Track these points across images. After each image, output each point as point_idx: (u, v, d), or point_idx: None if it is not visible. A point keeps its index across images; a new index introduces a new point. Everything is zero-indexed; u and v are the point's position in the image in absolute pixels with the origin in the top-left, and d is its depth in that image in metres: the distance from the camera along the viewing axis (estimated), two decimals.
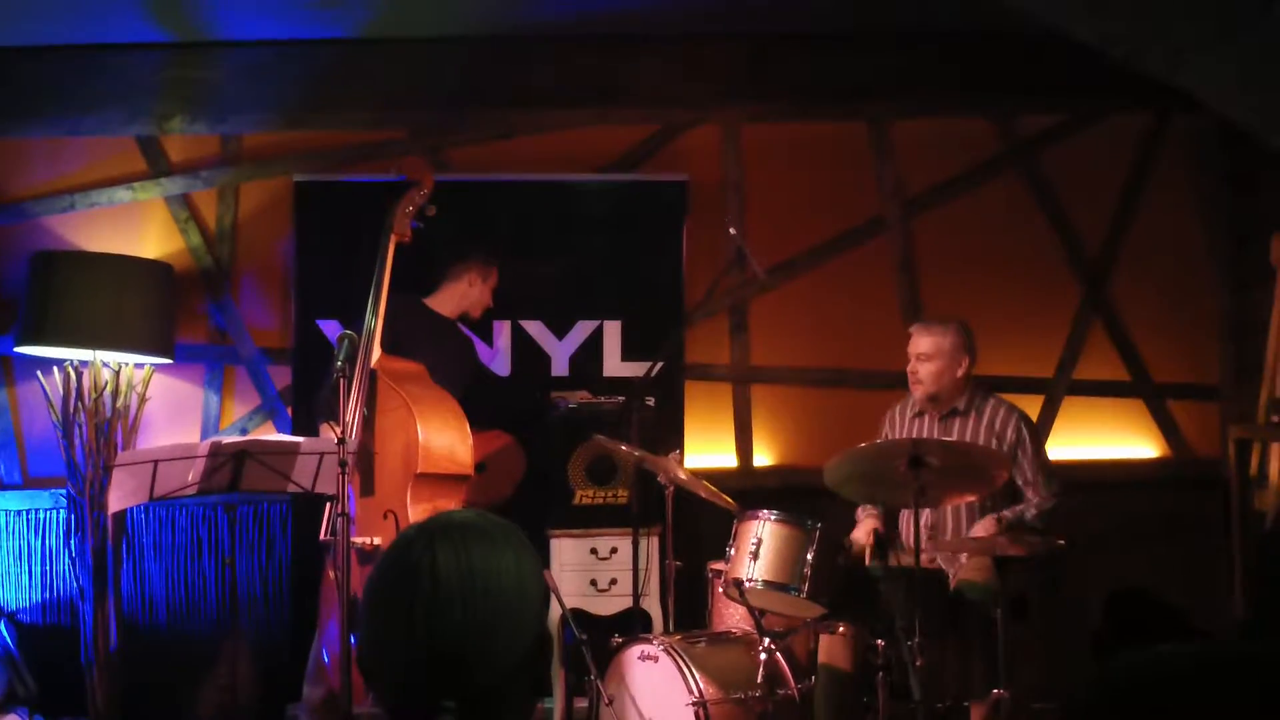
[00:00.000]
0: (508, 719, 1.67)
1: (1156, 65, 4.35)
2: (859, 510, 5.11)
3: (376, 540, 4.78)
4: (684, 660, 4.36)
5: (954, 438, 4.91)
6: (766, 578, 4.45)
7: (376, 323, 5.09)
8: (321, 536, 4.91)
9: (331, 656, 4.85)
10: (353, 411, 4.91)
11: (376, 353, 5.08)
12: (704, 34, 6.11)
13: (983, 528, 4.73)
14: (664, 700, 4.37)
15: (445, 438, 5.03)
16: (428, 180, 5.31)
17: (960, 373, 4.97)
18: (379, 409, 5.01)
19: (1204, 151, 6.30)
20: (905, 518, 4.95)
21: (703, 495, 4.85)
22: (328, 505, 4.79)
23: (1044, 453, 4.99)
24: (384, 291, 5.14)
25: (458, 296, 5.60)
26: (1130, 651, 1.44)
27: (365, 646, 1.70)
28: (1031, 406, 5.72)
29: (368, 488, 5.00)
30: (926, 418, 5.05)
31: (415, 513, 4.80)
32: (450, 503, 4.96)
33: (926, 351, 4.98)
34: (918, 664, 4.25)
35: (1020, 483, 4.89)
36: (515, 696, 1.68)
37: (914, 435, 5.01)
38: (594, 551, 5.42)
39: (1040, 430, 5.09)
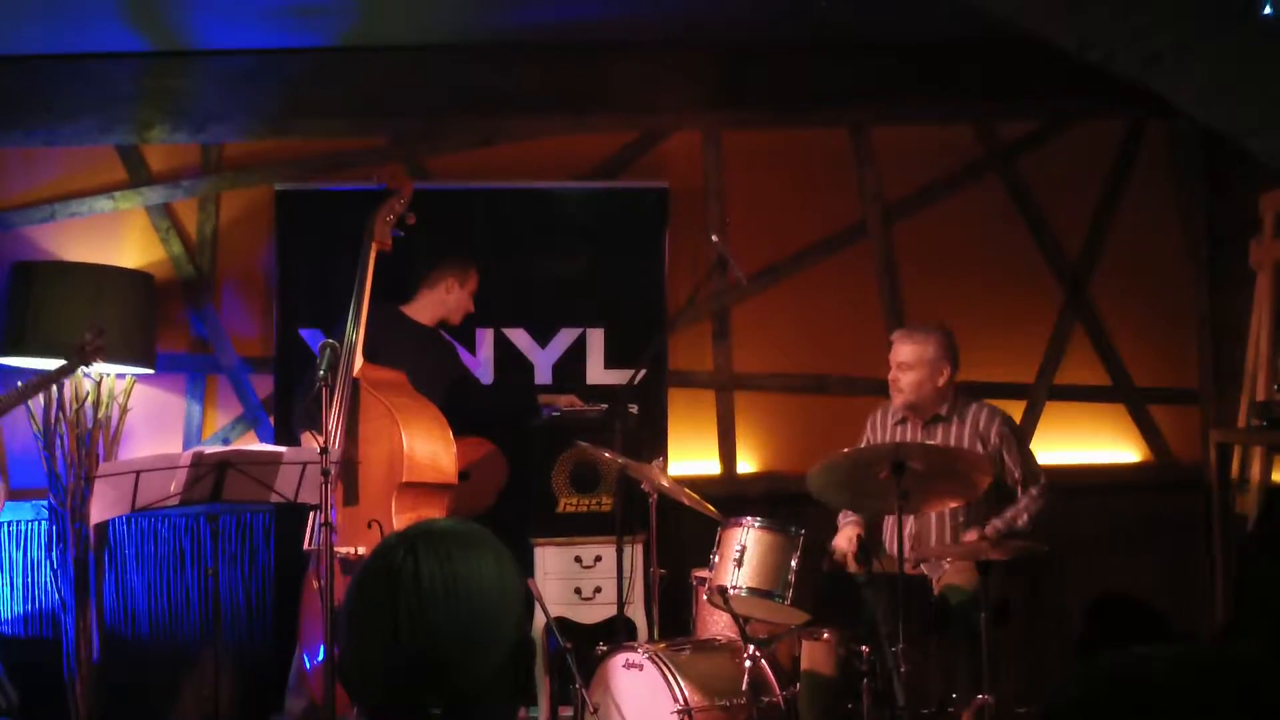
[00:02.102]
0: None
1: (1132, 70, 4.37)
2: (840, 516, 5.12)
3: (361, 550, 4.78)
4: (669, 668, 4.37)
5: (938, 443, 4.92)
6: (751, 585, 4.45)
7: (358, 331, 5.09)
8: (306, 546, 4.91)
9: (314, 666, 4.84)
10: (335, 420, 4.90)
11: (359, 361, 5.08)
12: (684, 41, 6.11)
13: (968, 538, 4.73)
14: (649, 708, 4.37)
15: (429, 446, 5.03)
16: (407, 188, 5.32)
17: (941, 381, 4.97)
18: (362, 418, 5.02)
19: (1181, 155, 6.32)
20: (889, 523, 4.96)
21: (686, 503, 4.86)
22: (312, 515, 4.78)
23: (1029, 452, 5.00)
24: (365, 300, 5.15)
25: (435, 303, 5.59)
26: (1109, 652, 1.45)
27: (348, 653, 1.71)
28: (1013, 411, 5.72)
29: (351, 497, 4.99)
30: (909, 424, 5.06)
31: (400, 522, 4.80)
32: (434, 512, 4.96)
33: (907, 360, 4.98)
34: (902, 670, 4.26)
35: (1009, 483, 4.90)
36: (497, 700, 1.71)
37: (897, 441, 5.02)
38: (578, 559, 5.41)
39: (1023, 433, 5.11)
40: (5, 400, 5.18)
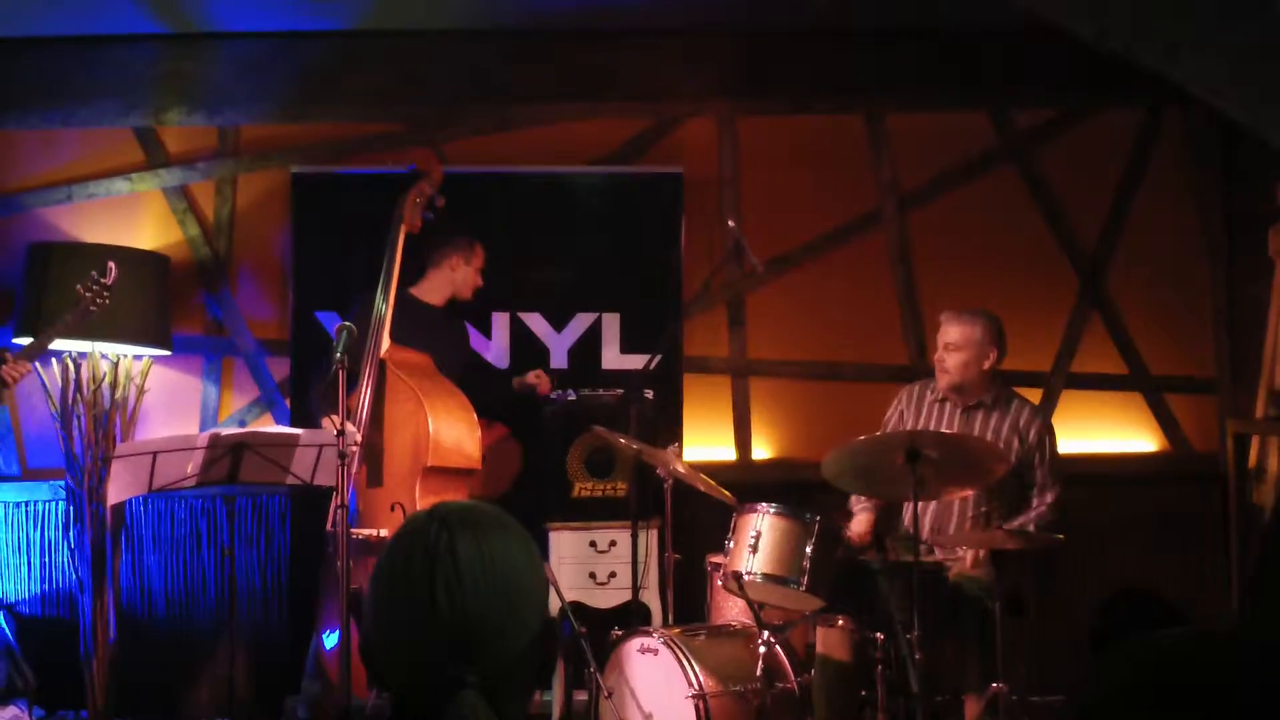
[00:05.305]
0: (514, 700, 1.71)
1: (1152, 60, 4.35)
2: (852, 500, 5.11)
3: (383, 532, 4.80)
4: (683, 653, 4.37)
5: (975, 431, 4.91)
6: (765, 571, 4.45)
7: (387, 312, 5.11)
8: (329, 527, 4.92)
9: (332, 649, 4.86)
10: (363, 401, 4.93)
11: (386, 343, 5.09)
12: (701, 27, 6.11)
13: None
14: (663, 693, 4.37)
15: (455, 431, 5.05)
16: (437, 171, 5.36)
17: (987, 365, 4.96)
18: (388, 399, 5.04)
19: (1200, 145, 6.29)
20: (908, 508, 4.95)
21: (701, 488, 4.86)
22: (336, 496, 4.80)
23: (1059, 460, 4.98)
24: (394, 281, 5.17)
25: (443, 282, 5.58)
26: (1145, 635, 1.45)
27: (378, 630, 1.72)
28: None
29: (375, 478, 5.02)
30: (949, 406, 5.04)
31: (424, 505, 4.81)
32: (457, 496, 4.98)
33: (955, 341, 4.96)
34: (916, 657, 4.26)
35: (1029, 481, 4.89)
36: (522, 680, 1.73)
37: (932, 421, 5.02)
38: (593, 544, 5.43)
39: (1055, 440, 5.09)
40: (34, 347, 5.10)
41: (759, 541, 4.49)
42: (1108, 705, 1.47)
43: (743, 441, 6.24)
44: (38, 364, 5.51)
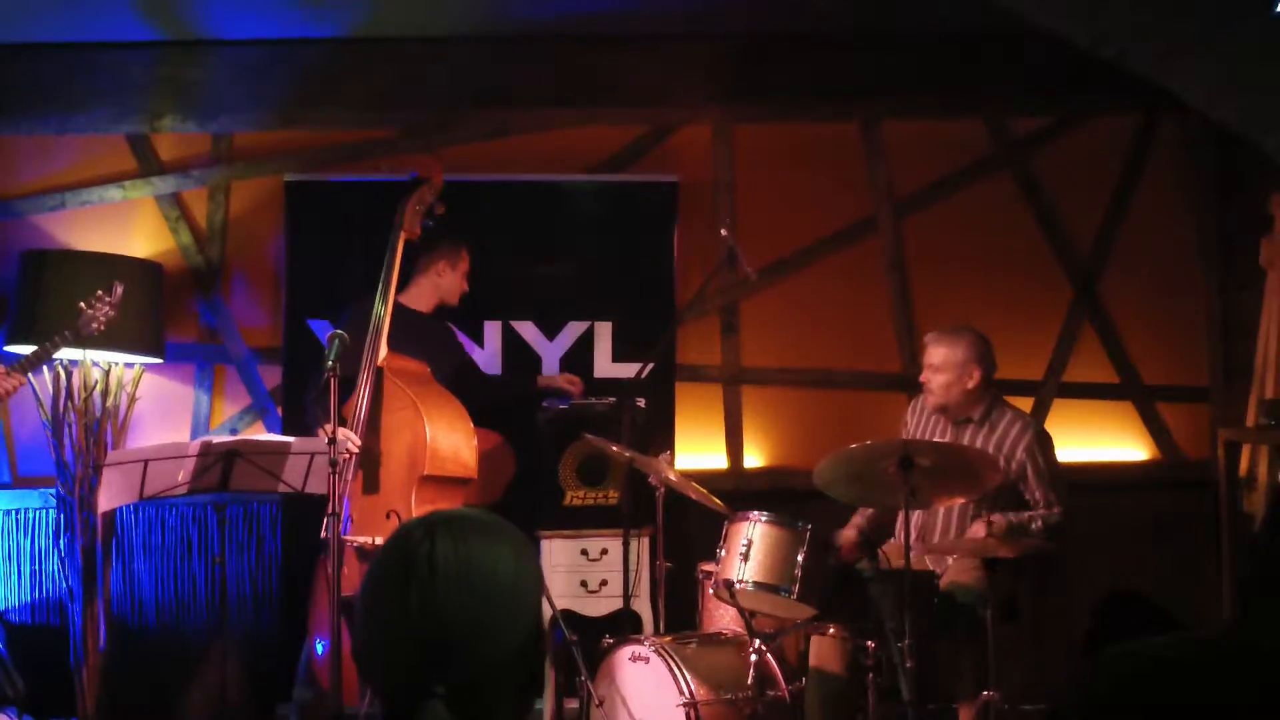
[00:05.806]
0: (500, 713, 1.69)
1: (1146, 66, 4.36)
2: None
3: (378, 539, 4.78)
4: (675, 661, 4.36)
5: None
6: (757, 579, 4.45)
7: (385, 319, 5.10)
8: (323, 534, 4.91)
9: (324, 656, 4.85)
10: (358, 407, 4.92)
11: (384, 350, 5.08)
12: (696, 34, 6.11)
13: (974, 532, 4.72)
14: (654, 701, 4.37)
15: (452, 440, 5.05)
16: (438, 178, 5.35)
17: (970, 385, 4.92)
18: (385, 407, 5.03)
19: (1194, 153, 6.30)
20: (901, 517, 4.94)
21: (693, 497, 4.85)
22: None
23: (1056, 467, 4.93)
24: (392, 289, 5.17)
25: (430, 288, 5.56)
26: (1135, 640, 1.44)
27: (362, 632, 1.72)
28: (1021, 409, 5.72)
29: (372, 486, 5.01)
30: (942, 420, 5.03)
31: (419, 514, 4.80)
32: (453, 504, 4.97)
33: (936, 363, 4.94)
34: (908, 665, 4.25)
35: (1029, 499, 4.86)
36: (508, 690, 1.71)
37: (927, 434, 5.01)
38: (584, 552, 5.41)
39: (1052, 453, 5.03)
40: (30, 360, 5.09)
41: (750, 550, 4.48)
42: (1098, 711, 1.46)
43: (735, 449, 6.23)
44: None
